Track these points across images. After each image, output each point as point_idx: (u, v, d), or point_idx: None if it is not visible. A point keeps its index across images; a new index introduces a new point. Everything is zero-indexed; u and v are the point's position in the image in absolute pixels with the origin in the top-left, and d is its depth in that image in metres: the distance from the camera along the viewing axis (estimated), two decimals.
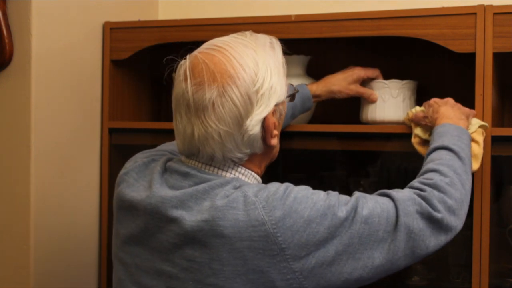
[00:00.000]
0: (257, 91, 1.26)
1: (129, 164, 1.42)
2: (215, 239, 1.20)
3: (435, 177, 1.37)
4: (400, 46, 2.01)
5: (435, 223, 1.30)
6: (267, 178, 1.43)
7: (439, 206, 1.31)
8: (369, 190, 2.08)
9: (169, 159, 1.37)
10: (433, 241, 1.30)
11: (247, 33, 1.35)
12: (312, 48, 2.11)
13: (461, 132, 1.52)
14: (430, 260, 2.03)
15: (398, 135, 1.82)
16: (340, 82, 1.82)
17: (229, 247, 1.19)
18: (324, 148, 1.91)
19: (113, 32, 2.07)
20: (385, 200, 1.30)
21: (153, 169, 1.36)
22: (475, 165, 1.60)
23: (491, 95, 1.70)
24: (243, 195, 1.22)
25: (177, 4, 2.36)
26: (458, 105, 1.65)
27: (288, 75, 1.98)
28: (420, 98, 1.94)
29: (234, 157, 1.28)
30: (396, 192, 1.32)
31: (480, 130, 1.64)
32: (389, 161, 2.14)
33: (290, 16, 1.89)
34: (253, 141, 1.28)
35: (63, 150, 1.93)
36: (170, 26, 2.02)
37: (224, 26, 1.95)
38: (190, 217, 1.23)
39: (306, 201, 1.22)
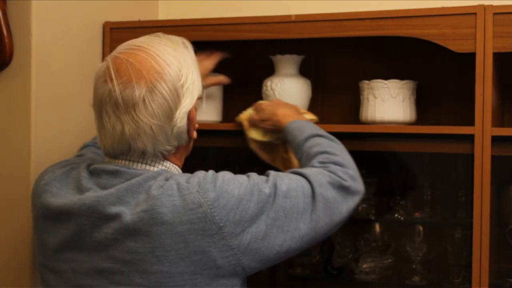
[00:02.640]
0: (182, 86, 1.34)
1: (48, 176, 1.43)
2: (156, 227, 1.25)
3: (329, 156, 1.52)
4: (400, 46, 2.01)
5: (344, 190, 1.44)
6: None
7: (345, 176, 1.46)
8: (369, 190, 2.08)
9: (90, 165, 1.41)
10: (345, 207, 1.44)
11: (160, 34, 1.42)
12: (312, 48, 2.11)
13: (312, 124, 1.70)
14: (430, 260, 2.04)
15: (398, 135, 1.83)
16: None
17: (170, 232, 1.25)
18: None
19: (113, 32, 2.07)
20: (297, 176, 1.41)
21: (76, 176, 1.39)
22: None
23: (491, 95, 1.70)
24: (176, 183, 1.29)
25: (177, 4, 2.36)
26: (286, 102, 1.85)
27: (282, 74, 2.00)
28: (420, 98, 1.95)
29: (164, 150, 1.35)
30: (305, 170, 1.45)
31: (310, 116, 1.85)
32: (389, 161, 2.14)
33: (290, 16, 1.89)
34: (180, 133, 1.35)
35: (63, 150, 1.93)
36: (170, 26, 2.02)
37: (224, 26, 1.95)
38: (129, 211, 1.27)
39: (234, 182, 1.31)
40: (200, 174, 1.33)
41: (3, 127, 1.87)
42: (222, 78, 1.95)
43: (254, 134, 1.81)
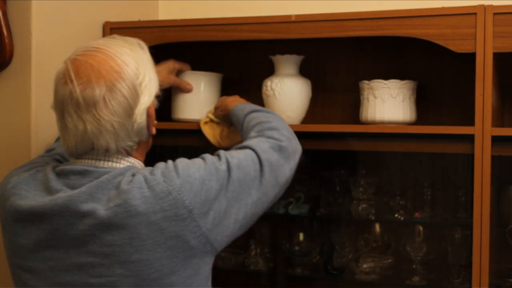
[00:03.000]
0: (140, 83, 1.39)
1: (14, 179, 1.45)
2: (131, 219, 1.31)
3: (264, 125, 1.63)
4: (400, 46, 2.01)
5: (284, 151, 1.54)
6: None
7: (281, 138, 1.56)
8: (369, 190, 2.09)
9: (55, 166, 1.44)
10: (287, 167, 1.54)
11: (115, 36, 1.47)
12: (312, 48, 2.11)
13: (253, 104, 1.82)
14: (430, 260, 2.04)
15: (398, 135, 1.83)
16: (160, 73, 1.90)
17: (145, 222, 1.31)
18: (324, 148, 1.91)
19: (113, 32, 2.06)
20: (242, 150, 1.50)
21: (43, 177, 1.42)
22: None
23: (491, 95, 1.70)
24: (142, 176, 1.35)
25: (177, 4, 2.36)
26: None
27: (282, 74, 2.00)
28: (420, 98, 1.95)
29: (126, 146, 1.40)
30: (246, 142, 1.54)
31: None
32: (389, 161, 2.14)
33: (290, 16, 1.89)
34: (141, 129, 1.40)
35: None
36: (170, 26, 2.02)
37: (224, 26, 1.96)
38: (102, 207, 1.32)
39: (193, 165, 1.39)
40: (160, 165, 1.39)
41: (3, 127, 1.87)
42: (187, 85, 2.03)
43: (209, 114, 1.95)
